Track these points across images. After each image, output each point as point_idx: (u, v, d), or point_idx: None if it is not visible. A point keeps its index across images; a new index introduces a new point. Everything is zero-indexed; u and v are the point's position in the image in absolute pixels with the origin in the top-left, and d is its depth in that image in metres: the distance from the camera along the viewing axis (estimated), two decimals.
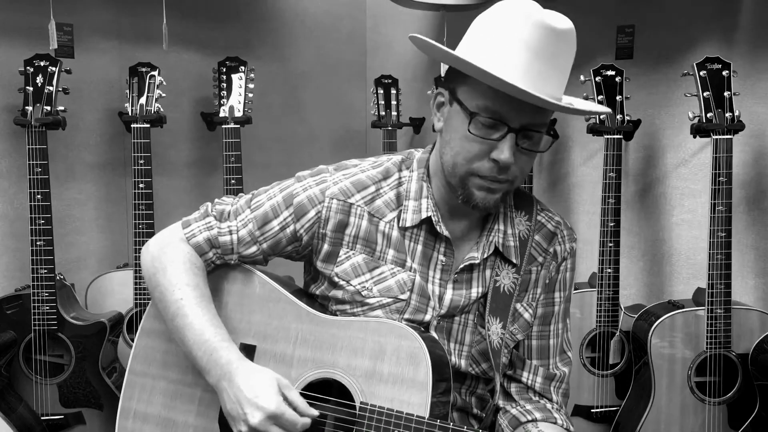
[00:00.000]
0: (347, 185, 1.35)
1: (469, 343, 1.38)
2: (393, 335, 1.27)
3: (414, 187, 1.35)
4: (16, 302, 2.33)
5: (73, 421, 2.39)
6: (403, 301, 1.34)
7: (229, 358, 1.27)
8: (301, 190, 1.36)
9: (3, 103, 2.48)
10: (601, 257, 2.46)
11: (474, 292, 1.37)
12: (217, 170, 2.79)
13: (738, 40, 2.56)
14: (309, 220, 1.35)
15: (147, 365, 1.44)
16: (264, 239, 1.38)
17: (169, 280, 1.35)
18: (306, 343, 1.33)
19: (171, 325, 1.35)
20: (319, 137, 3.29)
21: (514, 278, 1.37)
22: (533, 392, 1.42)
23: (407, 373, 1.24)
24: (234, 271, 1.43)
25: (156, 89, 2.50)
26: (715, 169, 2.25)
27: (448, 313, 1.36)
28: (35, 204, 2.30)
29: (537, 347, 1.42)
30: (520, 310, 1.39)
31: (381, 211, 1.35)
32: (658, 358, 2.31)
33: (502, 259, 1.37)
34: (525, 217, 1.40)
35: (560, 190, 3.00)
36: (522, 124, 1.20)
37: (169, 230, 1.43)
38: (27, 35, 2.50)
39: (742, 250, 2.56)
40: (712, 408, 2.31)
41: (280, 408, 1.21)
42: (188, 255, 1.38)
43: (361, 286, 1.34)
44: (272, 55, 3.12)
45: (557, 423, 1.38)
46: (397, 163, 1.39)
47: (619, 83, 2.46)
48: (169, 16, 2.54)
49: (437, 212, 1.34)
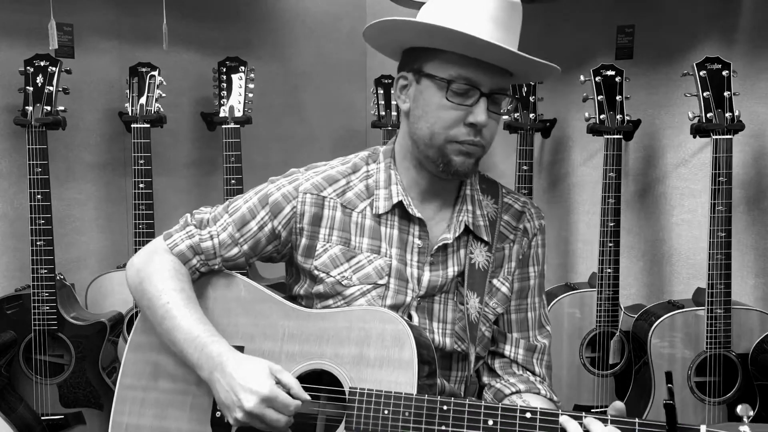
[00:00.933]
0: (319, 180, 1.43)
1: (451, 321, 1.43)
2: (377, 320, 1.31)
3: (383, 177, 1.44)
4: (16, 302, 2.33)
5: (73, 421, 2.39)
6: (383, 286, 1.39)
7: (219, 350, 1.31)
8: (275, 190, 1.44)
9: (3, 103, 2.48)
10: (601, 257, 2.47)
11: (450, 271, 1.42)
12: (217, 170, 2.79)
13: (738, 40, 2.56)
14: (285, 216, 1.42)
15: (137, 378, 1.46)
16: (244, 240, 1.44)
17: (155, 287, 1.40)
18: (293, 339, 1.37)
19: (160, 329, 1.38)
20: (319, 137, 3.29)
21: (488, 256, 1.44)
22: (517, 365, 1.48)
23: (393, 354, 1.28)
24: (217, 277, 1.47)
25: (156, 89, 2.50)
26: (715, 169, 2.25)
27: (428, 293, 1.42)
28: (35, 204, 2.30)
29: (516, 320, 1.49)
30: (497, 285, 1.45)
31: (353, 203, 1.43)
32: (658, 358, 2.31)
33: (475, 238, 1.44)
34: (491, 201, 1.48)
35: (560, 190, 3.00)
36: (491, 88, 1.32)
37: (152, 244, 1.49)
38: (27, 35, 2.50)
39: (742, 250, 2.56)
40: (712, 408, 2.31)
41: (273, 391, 1.24)
42: (172, 263, 1.43)
43: (340, 276, 1.40)
44: (272, 55, 3.12)
45: (540, 393, 1.43)
46: (364, 158, 1.48)
47: (619, 83, 2.46)
48: (169, 16, 2.54)
49: (407, 196, 1.42)
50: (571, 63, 2.81)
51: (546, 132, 2.83)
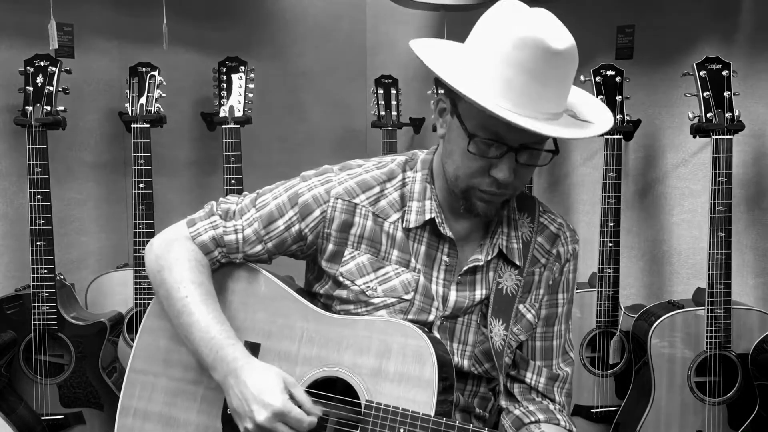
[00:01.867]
0: (352, 185, 1.36)
1: (472, 343, 1.39)
2: (399, 334, 1.27)
3: (418, 188, 1.36)
4: (16, 302, 2.33)
5: (73, 421, 2.39)
6: (407, 302, 1.34)
7: (235, 355, 1.28)
8: (306, 190, 1.37)
9: (3, 103, 2.48)
10: (601, 257, 2.47)
11: (478, 294, 1.37)
12: (217, 170, 2.79)
13: (738, 40, 2.56)
14: (314, 219, 1.36)
15: (148, 363, 1.44)
16: (269, 238, 1.39)
17: (174, 278, 1.35)
18: (311, 342, 1.33)
19: (176, 323, 1.35)
20: (319, 137, 3.29)
21: (517, 280, 1.38)
22: (536, 393, 1.43)
23: (413, 371, 1.24)
24: (238, 270, 1.43)
25: (156, 89, 2.49)
26: (715, 169, 2.25)
27: (452, 314, 1.37)
28: (35, 204, 2.30)
29: (540, 348, 1.43)
30: (523, 311, 1.40)
31: (385, 212, 1.36)
32: (658, 358, 2.31)
33: (505, 261, 1.38)
34: (528, 219, 1.41)
35: (560, 190, 3.00)
36: (521, 143, 1.21)
37: (174, 228, 1.43)
38: (27, 35, 2.50)
39: (742, 250, 2.56)
40: (712, 408, 2.31)
41: (286, 406, 1.21)
42: (193, 253, 1.38)
43: (365, 286, 1.35)
44: (272, 55, 3.12)
45: (560, 424, 1.38)
46: (401, 164, 1.39)
47: (619, 83, 2.46)
48: (169, 16, 2.54)
49: (441, 213, 1.35)
50: None
51: None
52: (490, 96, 1.16)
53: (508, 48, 1.15)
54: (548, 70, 1.16)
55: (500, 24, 1.18)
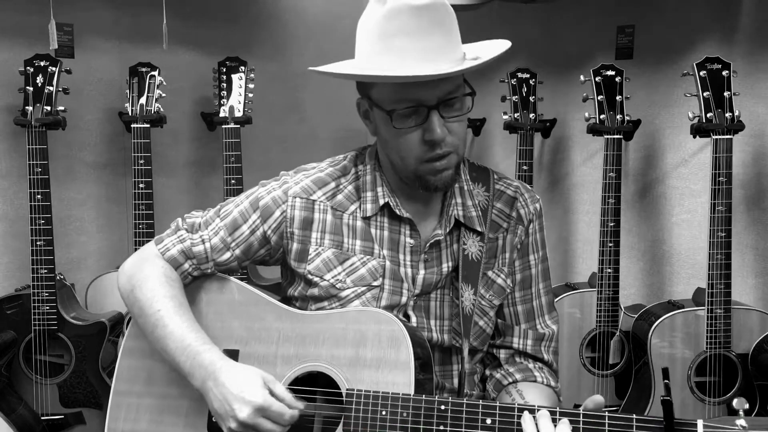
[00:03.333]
0: (308, 183, 1.43)
1: (448, 317, 1.42)
2: (372, 321, 1.31)
3: (369, 179, 1.43)
4: (16, 302, 2.33)
5: (73, 421, 2.39)
6: (377, 287, 1.38)
7: (212, 358, 1.30)
8: (265, 194, 1.44)
9: (3, 103, 2.48)
10: (601, 257, 2.46)
11: (445, 267, 1.41)
12: (217, 170, 2.79)
13: (738, 40, 2.56)
14: (275, 220, 1.42)
15: (131, 384, 1.45)
16: (236, 245, 1.44)
17: (145, 295, 1.39)
18: (288, 341, 1.36)
19: (152, 337, 1.38)
20: (319, 137, 3.29)
21: (480, 246, 1.42)
22: (524, 356, 1.47)
23: (389, 355, 1.28)
24: (210, 281, 1.47)
25: (156, 89, 2.50)
26: (715, 169, 2.25)
27: (423, 291, 1.41)
28: (35, 204, 2.30)
29: (523, 311, 1.47)
30: (492, 277, 1.44)
31: (343, 205, 1.42)
32: (658, 358, 2.31)
33: (467, 230, 1.42)
34: (483, 188, 1.46)
35: (560, 190, 2.99)
36: (438, 98, 1.26)
37: (143, 249, 1.48)
38: (27, 35, 2.50)
39: (742, 250, 2.56)
40: (712, 408, 2.31)
41: (267, 400, 1.23)
42: (163, 269, 1.42)
43: (334, 280, 1.39)
44: (272, 55, 3.12)
45: (536, 380, 1.43)
46: (352, 159, 1.47)
47: (619, 83, 2.46)
48: (169, 16, 2.54)
49: (394, 197, 1.40)
50: (571, 63, 2.82)
51: (546, 132, 2.83)
52: (385, 68, 1.25)
53: (383, 24, 1.26)
54: (421, 23, 1.24)
55: (371, 14, 1.30)
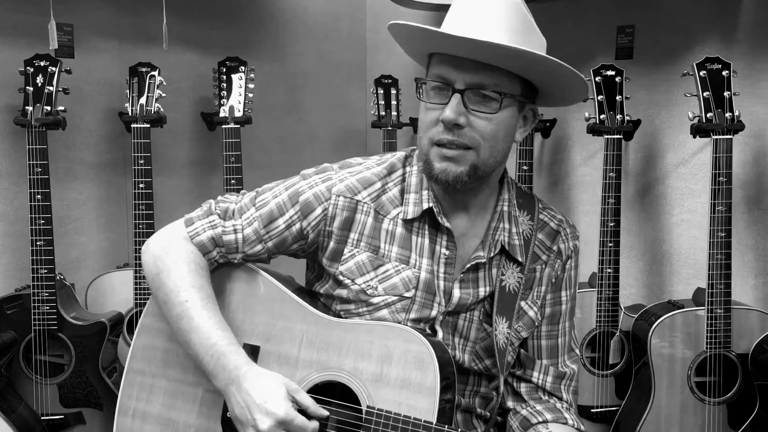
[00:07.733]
0: (353, 182, 1.36)
1: (473, 339, 1.38)
2: (400, 339, 1.26)
3: (414, 180, 1.36)
4: (16, 302, 2.33)
5: (73, 421, 2.39)
6: (409, 299, 1.33)
7: (237, 362, 1.27)
8: (306, 188, 1.36)
9: (3, 103, 2.48)
10: (601, 257, 2.46)
11: (481, 291, 1.37)
12: (217, 170, 2.79)
13: (738, 40, 2.56)
14: (316, 217, 1.35)
15: (146, 363, 1.43)
16: (269, 238, 1.37)
17: (173, 282, 1.33)
18: (311, 345, 1.32)
19: (176, 327, 1.34)
20: (319, 137, 3.29)
21: (519, 277, 1.37)
22: (543, 392, 1.43)
23: (415, 377, 1.23)
24: (237, 271, 1.42)
25: (156, 89, 2.49)
26: (715, 169, 2.25)
27: (455, 310, 1.36)
28: (35, 204, 2.30)
29: (546, 347, 1.43)
30: (525, 308, 1.39)
31: (386, 208, 1.36)
32: (658, 358, 2.31)
33: (508, 258, 1.38)
34: (527, 216, 1.41)
35: (560, 190, 2.99)
36: (467, 83, 1.23)
37: (171, 228, 1.41)
38: (27, 35, 2.50)
39: (742, 250, 2.56)
40: (712, 408, 2.31)
41: (289, 414, 1.20)
42: (192, 255, 1.36)
43: (366, 285, 1.34)
44: (272, 55, 3.12)
45: (568, 423, 1.38)
46: (401, 159, 1.40)
47: (619, 83, 2.46)
48: (169, 16, 2.54)
49: (438, 204, 1.35)
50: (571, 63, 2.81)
51: (546, 132, 2.83)
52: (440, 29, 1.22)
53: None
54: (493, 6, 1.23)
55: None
